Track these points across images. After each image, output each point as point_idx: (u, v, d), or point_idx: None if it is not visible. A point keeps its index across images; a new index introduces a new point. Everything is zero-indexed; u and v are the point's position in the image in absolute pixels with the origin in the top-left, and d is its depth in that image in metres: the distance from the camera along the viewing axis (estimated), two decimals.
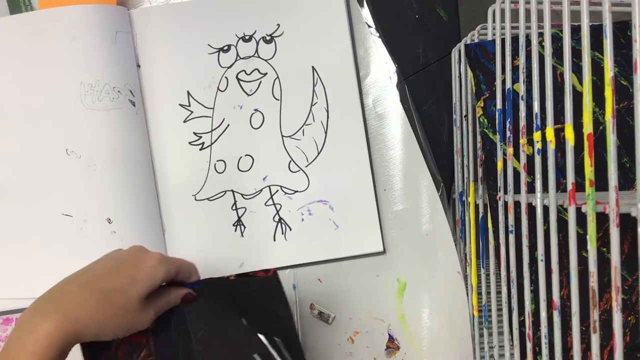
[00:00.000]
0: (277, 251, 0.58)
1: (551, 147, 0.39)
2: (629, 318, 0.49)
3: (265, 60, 0.59)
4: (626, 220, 0.40)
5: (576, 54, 0.48)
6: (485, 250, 0.54)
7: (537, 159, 0.41)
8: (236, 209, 0.58)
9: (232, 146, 0.59)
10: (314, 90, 0.59)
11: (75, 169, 0.56)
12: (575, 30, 0.46)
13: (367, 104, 0.60)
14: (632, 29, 0.31)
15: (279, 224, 0.58)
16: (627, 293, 0.49)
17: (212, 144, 0.59)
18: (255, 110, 0.59)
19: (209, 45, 0.60)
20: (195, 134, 0.59)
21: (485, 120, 0.51)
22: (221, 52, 0.60)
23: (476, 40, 0.55)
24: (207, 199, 0.59)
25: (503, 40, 0.48)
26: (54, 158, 0.56)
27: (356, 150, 0.59)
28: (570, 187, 0.36)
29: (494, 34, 0.49)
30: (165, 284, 0.43)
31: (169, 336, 0.44)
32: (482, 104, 0.51)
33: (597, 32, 0.38)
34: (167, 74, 0.59)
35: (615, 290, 0.32)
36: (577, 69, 0.50)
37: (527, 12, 0.43)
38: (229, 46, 0.60)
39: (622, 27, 0.51)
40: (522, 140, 0.44)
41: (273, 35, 0.60)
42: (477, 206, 0.55)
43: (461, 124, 0.58)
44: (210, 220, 0.58)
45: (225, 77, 0.59)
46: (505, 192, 0.48)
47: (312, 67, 0.59)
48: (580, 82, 0.49)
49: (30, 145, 0.57)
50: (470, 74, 0.52)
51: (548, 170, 0.39)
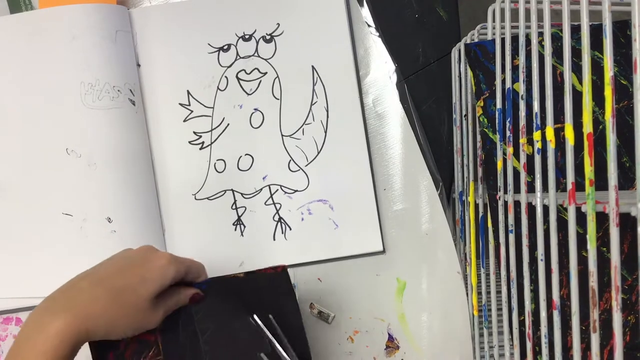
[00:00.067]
0: (277, 250, 0.58)
1: (551, 146, 0.39)
2: (629, 317, 0.49)
3: (265, 59, 0.59)
4: (626, 220, 0.40)
5: (576, 53, 0.48)
6: (485, 250, 0.54)
7: (537, 159, 0.41)
8: (236, 208, 0.58)
9: (232, 145, 0.59)
10: (313, 89, 0.59)
11: (75, 168, 0.56)
12: (575, 30, 0.46)
13: (367, 104, 0.60)
14: (632, 28, 0.31)
15: (279, 223, 0.58)
16: (626, 292, 0.49)
17: (212, 143, 0.59)
18: (255, 109, 0.59)
19: (209, 44, 0.60)
20: (195, 133, 0.59)
21: (485, 119, 0.51)
22: (221, 52, 0.60)
23: (476, 40, 0.55)
24: (207, 198, 0.59)
25: (503, 40, 0.48)
26: (54, 157, 0.56)
27: (356, 150, 0.59)
28: (570, 186, 0.36)
29: (494, 34, 0.49)
30: (174, 284, 0.43)
31: (177, 336, 0.44)
32: (482, 104, 0.51)
33: (597, 32, 0.38)
34: (167, 73, 0.59)
35: (615, 290, 0.32)
36: (577, 69, 0.50)
37: (527, 11, 0.43)
38: (229, 45, 0.60)
39: (622, 26, 0.51)
40: (522, 140, 0.44)
41: (273, 34, 0.60)
42: (477, 206, 0.55)
43: (461, 123, 0.58)
44: (210, 219, 0.58)
45: (225, 77, 0.59)
46: (505, 192, 0.48)
47: (312, 66, 0.59)
48: (580, 82, 0.49)
49: (30, 145, 0.57)
50: (470, 73, 0.52)
51: (548, 169, 0.39)
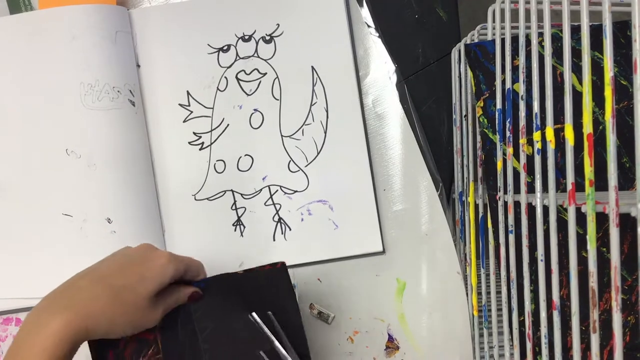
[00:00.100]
0: (277, 251, 0.58)
1: (551, 147, 0.39)
2: (629, 318, 0.49)
3: (265, 60, 0.59)
4: (626, 220, 0.40)
5: (576, 53, 0.48)
6: (485, 250, 0.54)
7: (537, 159, 0.41)
8: (236, 208, 0.58)
9: (232, 146, 0.59)
10: (313, 90, 0.59)
11: (75, 169, 0.56)
12: (575, 30, 0.46)
13: (367, 104, 0.60)
14: (632, 28, 0.31)
15: (279, 223, 0.58)
16: (626, 293, 0.49)
17: (211, 143, 0.59)
18: (255, 110, 0.59)
19: (209, 45, 0.60)
20: (194, 133, 0.59)
21: (485, 120, 0.51)
22: (221, 52, 0.60)
23: (476, 40, 0.55)
24: (207, 198, 0.59)
25: (503, 40, 0.48)
26: (54, 158, 0.56)
27: (356, 150, 0.59)
28: (570, 187, 0.36)
29: (494, 34, 0.49)
30: (173, 282, 0.43)
31: (176, 334, 0.44)
32: (482, 104, 0.51)
33: (597, 32, 0.38)
34: (167, 74, 0.59)
35: (615, 290, 0.32)
36: (577, 69, 0.50)
37: (527, 12, 0.43)
38: (229, 46, 0.60)
39: (622, 27, 0.51)
40: (522, 140, 0.44)
41: (273, 35, 0.60)
42: (477, 206, 0.55)
43: (461, 123, 0.58)
44: (210, 220, 0.58)
45: (225, 77, 0.59)
46: (505, 192, 0.47)
47: (312, 67, 0.59)
48: (580, 82, 0.49)
49: (30, 145, 0.57)
50: (470, 73, 0.52)
51: (548, 170, 0.39)
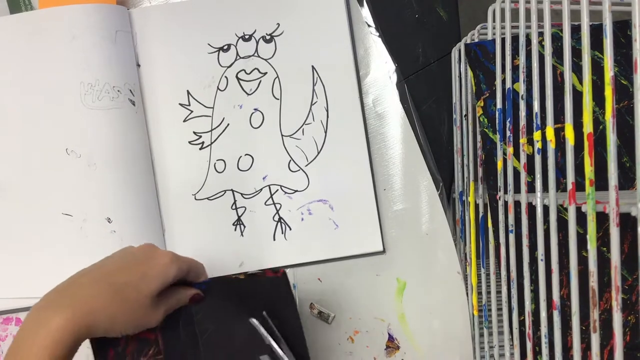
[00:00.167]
0: (277, 251, 0.58)
1: (551, 146, 0.39)
2: (629, 317, 0.49)
3: (265, 59, 0.59)
4: (626, 220, 0.40)
5: (576, 53, 0.48)
6: (485, 250, 0.54)
7: (537, 159, 0.41)
8: (236, 208, 0.58)
9: (232, 145, 0.59)
10: (313, 89, 0.59)
11: (75, 169, 0.56)
12: (575, 30, 0.46)
13: (367, 104, 0.60)
14: (632, 28, 0.31)
15: (279, 223, 0.58)
16: (627, 292, 0.49)
17: (211, 143, 0.59)
18: (255, 109, 0.59)
19: (209, 44, 0.60)
20: (195, 133, 0.59)
21: (485, 119, 0.51)
22: (221, 52, 0.60)
23: (476, 40, 0.55)
24: (207, 198, 0.58)
25: (503, 40, 0.48)
26: (54, 157, 0.56)
27: (356, 150, 0.59)
28: (570, 186, 0.36)
29: (494, 34, 0.49)
30: (174, 284, 0.43)
31: (177, 335, 0.44)
32: (482, 104, 0.51)
33: (597, 32, 0.38)
34: (167, 74, 0.59)
35: (615, 290, 0.32)
36: (577, 69, 0.50)
37: (527, 11, 0.43)
38: (229, 45, 0.60)
39: (622, 26, 0.51)
40: (522, 140, 0.44)
41: (273, 34, 0.60)
42: (477, 206, 0.55)
43: (461, 123, 0.58)
44: (210, 219, 0.58)
45: (225, 77, 0.59)
46: (505, 192, 0.47)
47: (312, 66, 0.59)
48: (580, 82, 0.49)
49: (30, 145, 0.57)
50: (470, 73, 0.52)
51: (548, 169, 0.39)
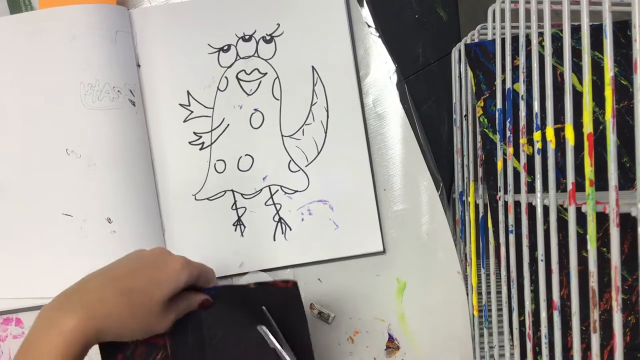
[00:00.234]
0: (277, 251, 0.58)
1: (551, 146, 0.39)
2: (629, 318, 0.49)
3: (265, 60, 0.59)
4: (626, 220, 0.40)
5: (576, 53, 0.48)
6: (485, 250, 0.54)
7: (537, 159, 0.41)
8: (236, 208, 0.58)
9: (232, 146, 0.59)
10: (313, 89, 0.59)
11: (75, 169, 0.56)
12: (575, 30, 0.46)
13: (367, 104, 0.60)
14: (632, 28, 0.31)
15: (279, 223, 0.58)
16: (627, 293, 0.49)
17: (212, 143, 0.59)
18: (255, 110, 0.59)
19: (209, 45, 0.60)
20: (195, 133, 0.59)
21: (485, 120, 0.51)
22: (221, 52, 0.60)
23: (476, 40, 0.55)
24: (207, 198, 0.58)
25: (503, 40, 0.48)
26: (54, 158, 0.56)
27: (356, 150, 0.59)
28: (570, 186, 0.36)
29: (494, 34, 0.49)
30: (184, 289, 0.43)
31: (185, 340, 0.44)
32: (482, 104, 0.51)
33: (597, 32, 0.38)
34: (167, 74, 0.59)
35: (615, 290, 0.32)
36: (577, 69, 0.50)
37: (527, 11, 0.43)
38: (229, 46, 0.60)
39: (622, 26, 0.51)
40: (522, 140, 0.44)
41: (273, 34, 0.60)
42: (477, 206, 0.55)
43: (461, 123, 0.58)
44: (210, 220, 0.58)
45: (225, 77, 0.59)
46: (505, 192, 0.47)
47: (312, 66, 0.59)
48: (580, 82, 0.49)
49: (30, 145, 0.57)
50: (470, 73, 0.52)
51: (548, 170, 0.39)
